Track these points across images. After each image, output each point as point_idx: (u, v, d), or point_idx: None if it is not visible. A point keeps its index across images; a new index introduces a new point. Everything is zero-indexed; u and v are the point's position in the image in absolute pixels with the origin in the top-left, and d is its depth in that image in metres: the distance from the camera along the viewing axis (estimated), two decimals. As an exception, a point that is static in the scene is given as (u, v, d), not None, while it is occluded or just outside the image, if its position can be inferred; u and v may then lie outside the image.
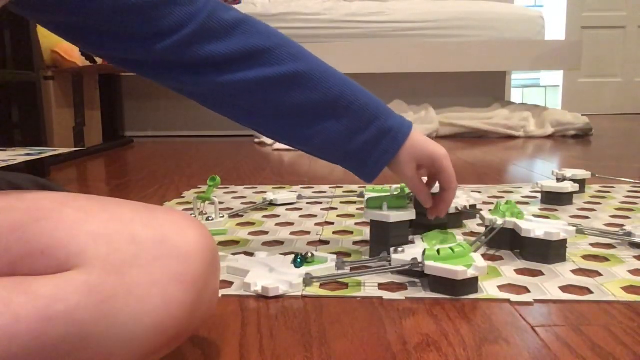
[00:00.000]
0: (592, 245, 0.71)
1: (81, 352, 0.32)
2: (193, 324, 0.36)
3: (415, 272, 0.59)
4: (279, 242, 0.76)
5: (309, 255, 0.62)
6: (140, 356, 0.34)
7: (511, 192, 1.09)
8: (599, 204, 0.96)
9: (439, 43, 2.49)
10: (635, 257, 0.66)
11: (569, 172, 1.05)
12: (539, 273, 0.61)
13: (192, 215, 0.86)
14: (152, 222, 0.36)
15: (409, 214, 0.68)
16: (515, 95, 4.38)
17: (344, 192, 1.11)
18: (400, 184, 0.87)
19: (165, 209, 0.39)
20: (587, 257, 0.66)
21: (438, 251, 0.56)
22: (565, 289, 0.56)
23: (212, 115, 3.04)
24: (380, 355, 0.43)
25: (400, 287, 0.57)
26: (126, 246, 0.34)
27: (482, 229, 0.79)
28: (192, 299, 0.35)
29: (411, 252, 0.61)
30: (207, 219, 0.84)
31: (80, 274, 0.32)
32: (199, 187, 1.20)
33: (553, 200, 0.96)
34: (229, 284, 0.59)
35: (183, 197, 1.08)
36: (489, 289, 0.56)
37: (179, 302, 0.34)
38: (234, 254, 0.68)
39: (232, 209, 0.96)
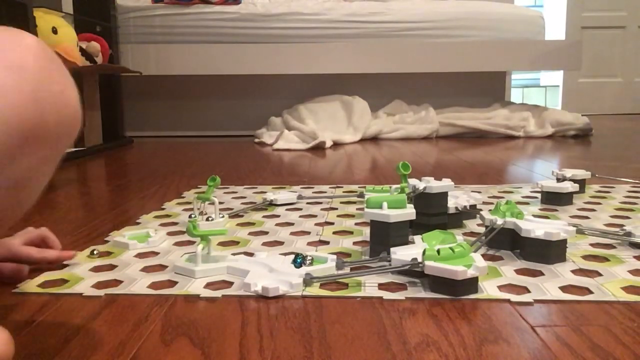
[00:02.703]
0: (592, 245, 0.71)
1: None
2: (42, 116, 0.36)
3: (415, 272, 0.59)
4: (279, 242, 0.76)
5: (308, 259, 0.62)
6: None
7: (511, 192, 1.09)
8: (599, 204, 0.96)
9: (439, 43, 2.49)
10: (635, 257, 0.66)
11: (569, 172, 1.05)
12: (539, 273, 0.61)
13: (193, 216, 0.86)
14: None
15: (409, 214, 0.68)
16: (515, 95, 4.38)
17: (344, 192, 1.11)
18: (400, 184, 0.87)
19: None
20: (587, 257, 0.66)
21: (438, 251, 0.56)
22: (565, 289, 0.56)
23: (212, 115, 3.04)
24: (380, 355, 0.43)
25: (400, 287, 0.57)
26: None
27: (482, 229, 0.79)
28: (30, 87, 0.35)
29: (407, 253, 0.61)
30: (207, 219, 0.84)
31: None
32: (199, 187, 1.20)
33: (553, 200, 0.96)
34: (229, 284, 0.59)
35: (183, 197, 1.08)
36: (489, 289, 0.56)
37: (13, 88, 0.35)
38: (234, 254, 0.68)
39: (232, 209, 0.96)
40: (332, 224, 0.85)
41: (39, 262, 0.64)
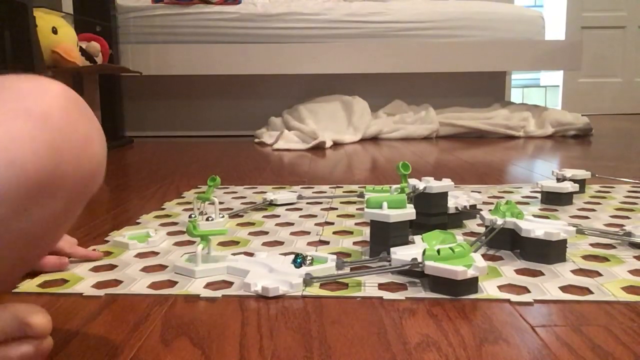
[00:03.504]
0: (592, 245, 0.71)
1: None
2: (59, 166, 0.35)
3: (415, 272, 0.59)
4: (279, 242, 0.76)
5: (308, 259, 0.62)
6: (11, 202, 0.33)
7: (511, 192, 1.09)
8: (599, 204, 0.96)
9: (439, 43, 2.49)
10: (635, 257, 0.66)
11: (569, 172, 1.05)
12: (539, 273, 0.61)
13: (193, 216, 0.86)
14: None
15: (409, 214, 0.67)
16: (515, 95, 4.38)
17: (344, 192, 1.11)
18: (400, 184, 0.87)
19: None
20: (587, 257, 0.66)
21: (438, 251, 0.56)
22: (565, 289, 0.56)
23: (212, 115, 3.03)
24: (380, 355, 0.43)
25: (400, 287, 0.57)
26: None
27: (482, 229, 0.79)
28: (48, 136, 0.34)
29: (407, 252, 0.61)
30: (207, 219, 0.84)
31: None
32: (199, 187, 1.20)
33: (553, 200, 0.96)
34: (229, 284, 0.59)
35: (183, 197, 1.08)
36: (489, 289, 0.56)
37: (31, 136, 0.34)
38: (234, 254, 0.68)
39: (232, 209, 0.96)
40: (332, 224, 0.85)
41: (69, 257, 0.66)
